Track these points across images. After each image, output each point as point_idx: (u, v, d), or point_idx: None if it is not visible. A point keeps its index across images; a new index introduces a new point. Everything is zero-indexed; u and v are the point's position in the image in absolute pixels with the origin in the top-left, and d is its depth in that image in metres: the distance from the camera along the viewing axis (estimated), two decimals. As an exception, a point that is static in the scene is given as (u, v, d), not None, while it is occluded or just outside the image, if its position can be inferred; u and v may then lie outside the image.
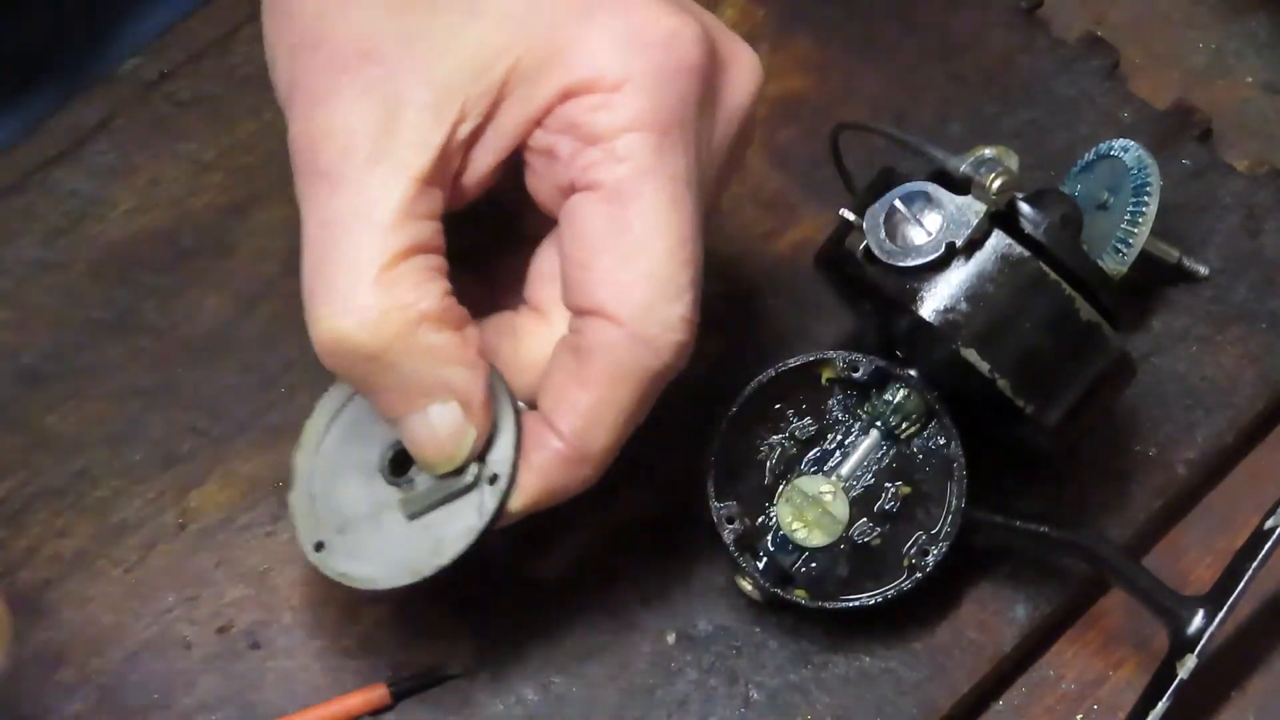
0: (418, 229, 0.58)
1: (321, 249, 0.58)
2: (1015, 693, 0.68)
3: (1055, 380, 0.63)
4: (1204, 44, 0.80)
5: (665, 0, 0.60)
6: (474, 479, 0.60)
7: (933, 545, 0.65)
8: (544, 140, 0.60)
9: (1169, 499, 0.70)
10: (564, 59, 0.59)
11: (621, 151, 0.58)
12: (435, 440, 0.60)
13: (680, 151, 0.59)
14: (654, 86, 0.59)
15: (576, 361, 0.59)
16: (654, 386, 0.60)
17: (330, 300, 0.58)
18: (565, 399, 0.59)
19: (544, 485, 0.60)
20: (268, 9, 0.62)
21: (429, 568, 0.60)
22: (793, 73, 0.78)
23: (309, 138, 0.59)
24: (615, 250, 0.58)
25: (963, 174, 0.62)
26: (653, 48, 0.59)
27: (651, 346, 0.59)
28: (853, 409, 0.66)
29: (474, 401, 0.59)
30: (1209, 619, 0.62)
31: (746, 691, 0.66)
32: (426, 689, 0.65)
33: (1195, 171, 0.75)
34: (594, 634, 0.67)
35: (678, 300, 0.59)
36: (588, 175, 0.59)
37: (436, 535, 0.61)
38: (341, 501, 0.62)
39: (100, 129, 0.76)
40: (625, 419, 0.60)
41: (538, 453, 0.60)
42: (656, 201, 0.58)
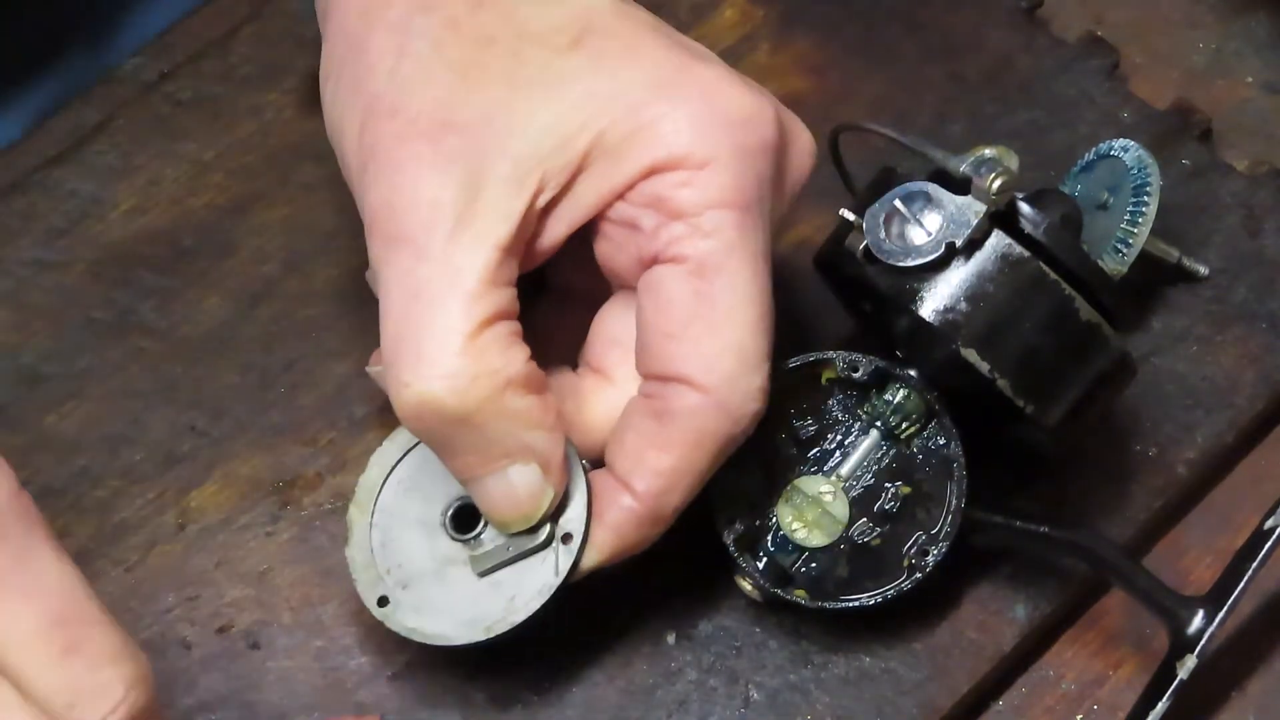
0: (500, 296, 0.60)
1: (407, 315, 0.59)
2: (1015, 693, 0.68)
3: (1055, 380, 0.63)
4: (1204, 44, 0.80)
5: (740, 82, 0.62)
6: (547, 538, 0.62)
7: (933, 545, 0.65)
8: (626, 212, 0.61)
9: (1169, 499, 0.70)
10: (648, 136, 0.60)
11: (707, 227, 0.60)
12: (514, 500, 0.61)
13: (759, 228, 0.61)
14: (737, 166, 0.61)
15: (657, 425, 0.61)
16: (728, 451, 0.62)
17: (419, 365, 0.59)
18: (644, 461, 0.61)
19: (617, 543, 0.62)
20: (333, 75, 0.63)
21: (504, 624, 0.62)
22: (793, 73, 0.78)
23: (390, 206, 0.60)
24: (702, 322, 0.60)
25: (963, 174, 0.62)
26: (735, 128, 0.61)
27: (733, 415, 0.61)
28: (853, 409, 0.66)
29: (553, 463, 0.61)
30: (1209, 619, 0.62)
31: (746, 691, 0.66)
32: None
33: (1195, 171, 0.75)
34: (594, 634, 0.67)
35: (757, 371, 0.61)
36: (672, 249, 0.60)
37: (509, 592, 0.62)
38: (403, 556, 0.63)
39: (100, 129, 0.76)
40: (699, 481, 0.62)
41: (612, 511, 0.62)
42: (741, 276, 0.60)
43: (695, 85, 0.61)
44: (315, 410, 0.71)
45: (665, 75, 0.61)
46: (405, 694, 0.66)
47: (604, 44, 0.61)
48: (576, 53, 0.61)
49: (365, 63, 0.62)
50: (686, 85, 0.61)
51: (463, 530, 0.63)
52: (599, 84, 0.61)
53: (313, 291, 0.73)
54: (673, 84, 0.61)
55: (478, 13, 0.61)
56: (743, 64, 0.78)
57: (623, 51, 0.61)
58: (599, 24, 0.62)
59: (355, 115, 0.61)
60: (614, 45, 0.61)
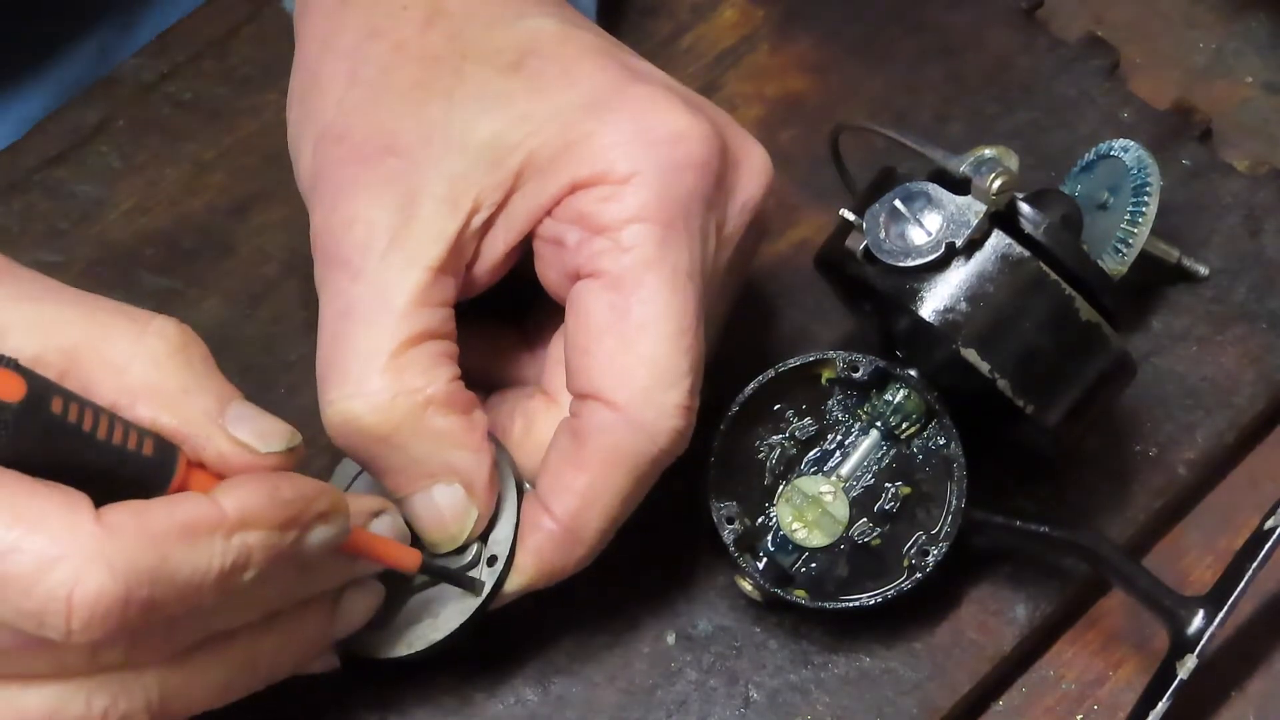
0: (429, 316, 0.60)
1: (335, 334, 0.60)
2: (1015, 693, 0.68)
3: (1055, 380, 0.63)
4: (1204, 44, 0.80)
5: (678, 101, 0.62)
6: (474, 559, 0.62)
7: (933, 545, 0.65)
8: (553, 229, 0.62)
9: (1169, 499, 0.70)
10: (575, 153, 0.61)
11: (626, 241, 0.60)
12: (439, 520, 0.61)
13: (684, 244, 0.61)
14: (660, 181, 0.60)
15: (574, 445, 0.61)
16: (650, 471, 0.61)
17: (342, 384, 0.60)
18: (560, 481, 0.61)
19: (539, 566, 0.62)
20: (293, 102, 0.65)
21: (423, 642, 0.62)
22: (793, 73, 0.78)
23: (329, 228, 0.61)
24: (615, 336, 0.60)
25: (963, 174, 0.62)
26: (661, 145, 0.61)
27: (647, 432, 0.60)
28: (853, 409, 0.66)
29: (478, 484, 0.61)
30: (1209, 619, 0.62)
31: (746, 691, 0.66)
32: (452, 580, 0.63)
33: (1195, 171, 0.75)
34: (594, 634, 0.67)
35: (674, 387, 0.60)
36: (593, 263, 0.61)
37: (435, 610, 0.62)
38: None
39: (100, 129, 0.76)
40: (619, 503, 0.61)
41: (533, 534, 0.62)
42: (657, 290, 0.60)
43: (626, 104, 0.61)
44: (315, 410, 0.70)
45: (599, 96, 0.62)
46: (405, 694, 0.66)
47: (543, 66, 0.62)
48: (516, 74, 0.62)
49: (318, 90, 0.63)
50: (618, 104, 0.61)
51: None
52: (535, 105, 0.62)
53: (313, 291, 0.73)
54: (605, 103, 0.61)
55: (427, 33, 0.63)
56: (743, 64, 0.78)
57: (560, 74, 0.62)
58: (541, 47, 0.63)
59: (309, 142, 0.63)
60: (553, 68, 0.62)
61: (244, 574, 0.53)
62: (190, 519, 0.52)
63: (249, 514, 0.53)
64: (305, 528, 0.55)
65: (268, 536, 0.54)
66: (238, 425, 0.56)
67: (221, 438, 0.55)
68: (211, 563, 0.53)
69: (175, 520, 0.52)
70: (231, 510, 0.53)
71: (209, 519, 0.53)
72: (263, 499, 0.54)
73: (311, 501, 0.55)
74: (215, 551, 0.53)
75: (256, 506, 0.54)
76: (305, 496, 0.55)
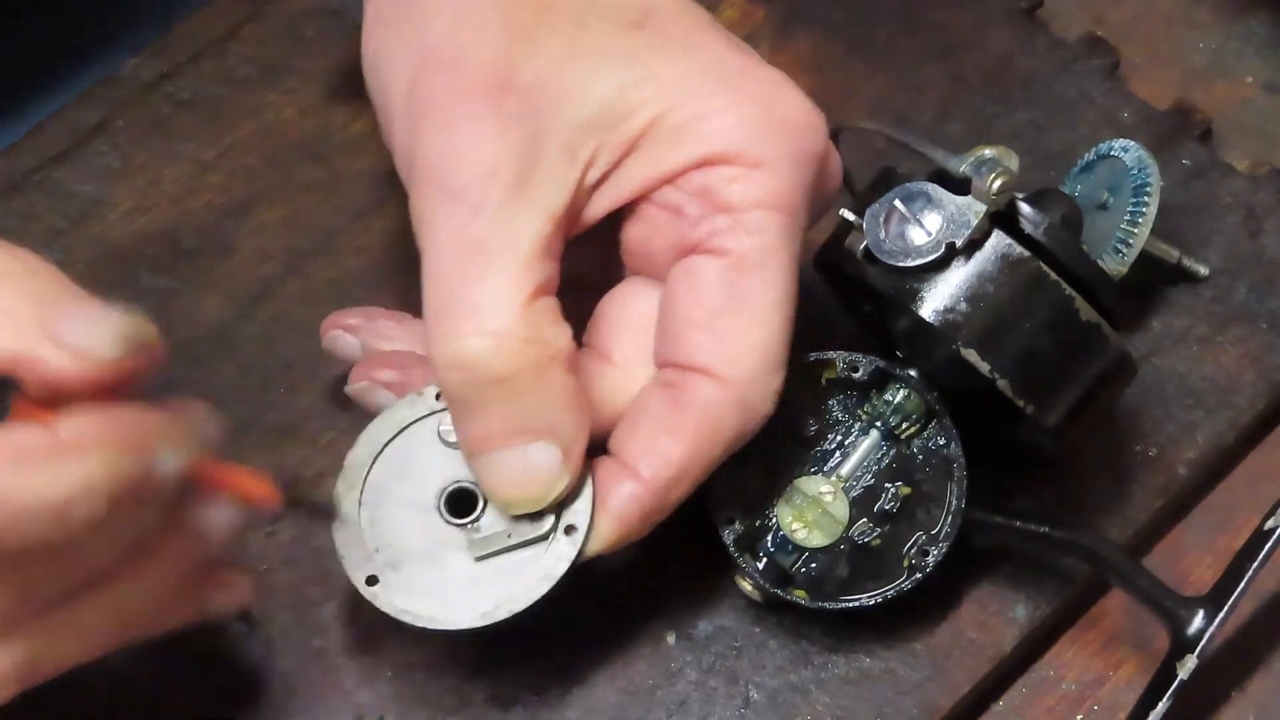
0: (550, 269, 0.59)
1: (463, 268, 0.58)
2: (1015, 693, 0.68)
3: (1055, 380, 0.63)
4: (1204, 44, 0.80)
5: (800, 90, 0.62)
6: (550, 529, 0.61)
7: (933, 545, 0.65)
8: (672, 197, 0.61)
9: (1169, 499, 0.70)
10: (706, 127, 0.60)
11: (751, 225, 0.60)
12: (526, 479, 0.60)
13: (798, 235, 0.61)
14: (789, 171, 0.61)
15: (674, 414, 0.60)
16: (734, 448, 0.61)
17: (471, 318, 0.58)
18: (655, 448, 0.60)
19: (619, 531, 0.61)
20: (382, 23, 0.62)
21: (504, 610, 0.60)
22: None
23: (447, 158, 0.59)
24: (734, 317, 0.60)
25: (963, 174, 0.62)
26: (791, 133, 0.61)
27: (749, 412, 0.60)
28: (853, 409, 0.66)
29: (575, 451, 0.60)
30: (1209, 619, 0.62)
31: (746, 691, 0.66)
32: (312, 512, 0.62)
33: (1195, 171, 0.75)
34: (594, 634, 0.67)
35: (777, 374, 0.61)
36: (714, 240, 0.60)
37: (508, 579, 0.61)
38: (393, 536, 0.61)
39: (100, 129, 0.76)
40: (705, 474, 0.61)
41: (616, 498, 0.61)
42: (777, 278, 0.60)
43: (756, 85, 0.61)
44: (315, 410, 0.71)
45: (726, 71, 0.61)
46: (405, 694, 0.66)
47: (668, 29, 0.61)
48: (640, 32, 0.61)
49: (421, 15, 0.61)
50: (747, 85, 0.61)
51: (459, 514, 0.61)
52: (661, 66, 0.60)
53: (313, 291, 0.73)
54: (733, 81, 0.61)
55: None
56: (743, 64, 0.78)
57: (683, 40, 0.61)
58: (663, 10, 0.61)
59: (406, 66, 0.60)
60: (677, 32, 0.61)
61: (90, 506, 0.51)
62: (20, 447, 0.50)
63: (86, 438, 0.51)
64: (149, 453, 0.53)
65: (108, 461, 0.51)
66: (70, 331, 0.51)
67: (49, 349, 0.51)
68: (48, 490, 0.50)
69: (2, 450, 0.50)
70: (67, 434, 0.51)
71: (41, 445, 0.50)
72: (99, 423, 0.51)
73: (154, 425, 0.53)
74: (51, 479, 0.50)
75: (94, 430, 0.51)
76: (147, 420, 0.53)
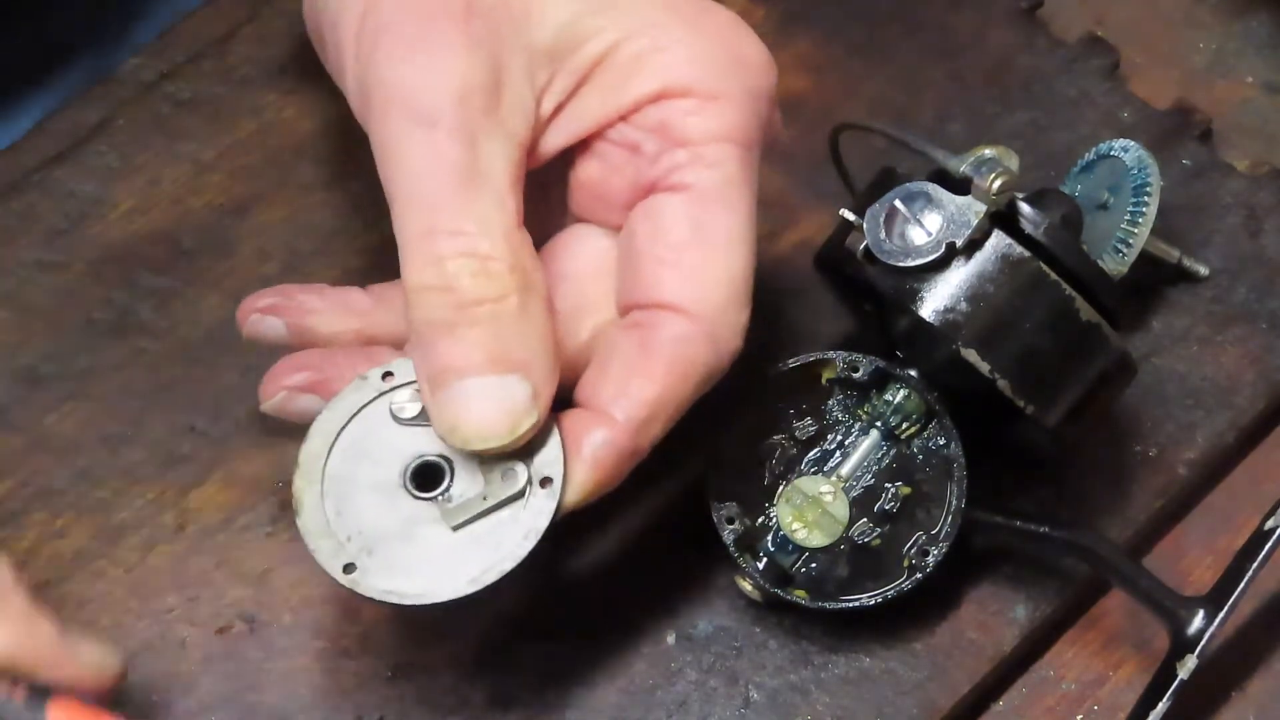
0: (519, 201, 0.58)
1: (442, 192, 0.57)
2: (1015, 693, 0.68)
3: (1055, 380, 0.63)
4: (1204, 44, 0.80)
5: (753, 32, 0.62)
6: (525, 485, 0.59)
7: (933, 545, 0.65)
8: (629, 134, 0.61)
9: (1169, 499, 0.70)
10: (663, 59, 0.60)
11: (710, 158, 0.60)
12: (495, 413, 0.58)
13: (755, 170, 0.61)
14: (745, 105, 0.60)
15: (641, 354, 0.59)
16: (705, 387, 0.60)
17: (457, 240, 0.57)
18: (627, 391, 0.59)
19: (596, 477, 0.59)
20: None
21: (491, 574, 0.59)
22: (793, 73, 0.78)
23: (411, 80, 0.57)
24: (698, 251, 0.59)
25: (963, 174, 0.62)
26: (747, 70, 0.61)
27: (718, 346, 0.60)
28: (853, 409, 0.66)
29: (544, 393, 0.58)
30: (1209, 619, 0.62)
31: (746, 691, 0.66)
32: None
33: (1195, 171, 0.75)
34: (594, 634, 0.67)
35: (744, 307, 0.60)
36: (673, 176, 0.60)
37: (490, 543, 0.60)
38: (362, 522, 0.60)
39: (100, 129, 0.76)
40: (678, 414, 0.60)
41: (590, 445, 0.59)
42: (740, 211, 0.60)
43: (711, 22, 0.61)
44: (315, 410, 0.71)
45: (682, 7, 0.61)
46: (405, 694, 0.66)
47: None
48: None
49: None
50: (703, 21, 0.61)
51: (428, 488, 0.60)
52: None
53: (312, 290, 0.73)
54: (689, 16, 0.61)
55: None
56: (743, 64, 0.78)
57: None
58: None
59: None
60: None
61: None
62: None
63: None
64: None
65: None
66: (80, 650, 0.58)
67: (72, 666, 0.57)
68: None
69: None
70: None
71: None
72: None
73: None
74: None
75: None
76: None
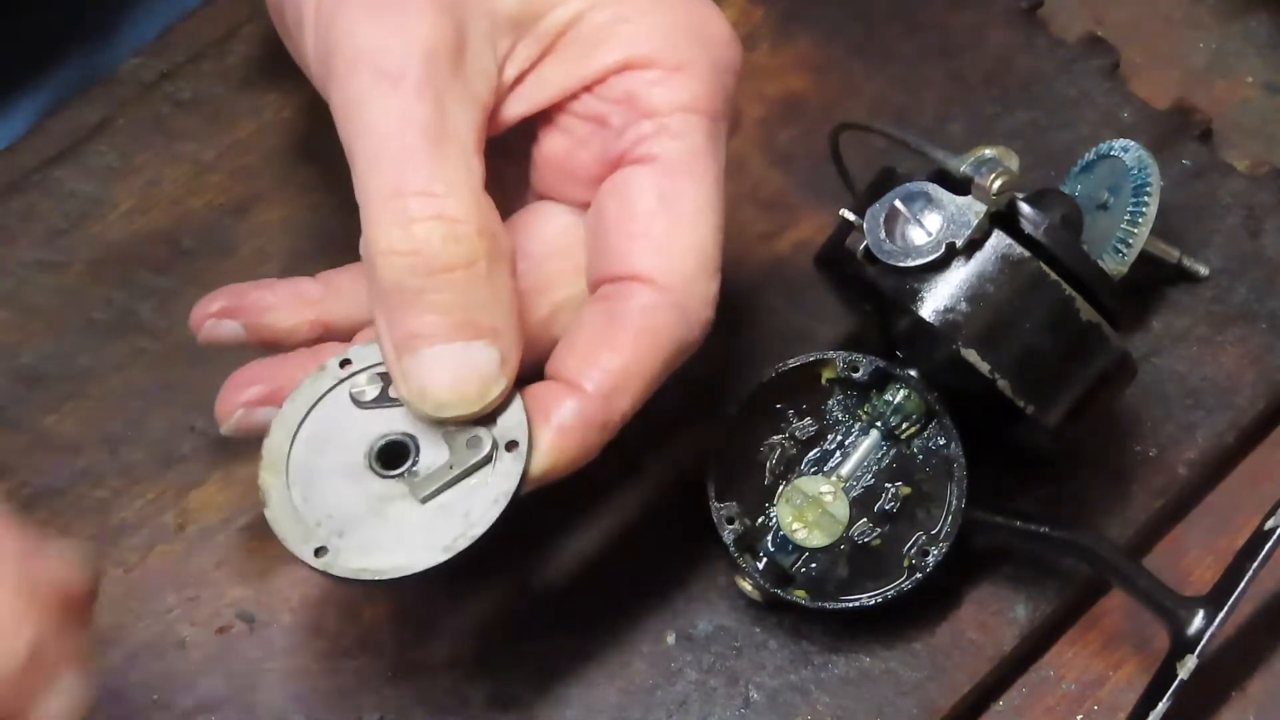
0: (483, 164, 0.58)
1: (409, 152, 0.56)
2: (1015, 693, 0.68)
3: (1055, 380, 0.63)
4: (1204, 44, 0.80)
5: (718, 9, 0.62)
6: (490, 450, 0.59)
7: (933, 545, 0.65)
8: (595, 107, 0.61)
9: (1169, 499, 0.70)
10: (628, 31, 0.60)
11: (676, 129, 0.60)
12: (465, 377, 0.57)
13: (722, 142, 0.61)
14: (710, 77, 0.60)
15: (609, 326, 0.59)
16: (677, 359, 0.60)
17: (426, 203, 0.56)
18: (595, 361, 0.59)
19: (563, 448, 0.59)
20: None
21: (463, 541, 0.59)
22: (793, 73, 0.78)
23: (377, 38, 0.57)
24: (666, 221, 0.59)
25: (963, 174, 0.62)
26: (711, 43, 0.61)
27: (688, 318, 0.59)
28: (853, 409, 0.66)
29: (511, 360, 0.58)
30: (1209, 619, 0.62)
31: (746, 692, 0.66)
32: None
33: (1195, 171, 0.75)
34: (594, 634, 0.67)
35: (714, 278, 0.60)
36: (640, 148, 0.60)
37: (461, 510, 0.59)
38: (331, 507, 0.60)
39: (100, 129, 0.76)
40: (649, 387, 0.60)
41: (559, 415, 0.59)
42: (707, 181, 0.60)
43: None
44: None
45: None
46: (405, 694, 0.66)
47: None
48: None
49: None
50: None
51: (394, 465, 0.60)
52: None
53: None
54: None
55: None
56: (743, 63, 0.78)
57: None
58: None
59: None
60: None
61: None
62: None
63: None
64: None
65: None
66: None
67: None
68: None
69: None
70: None
71: None
72: None
73: None
74: None
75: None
76: None
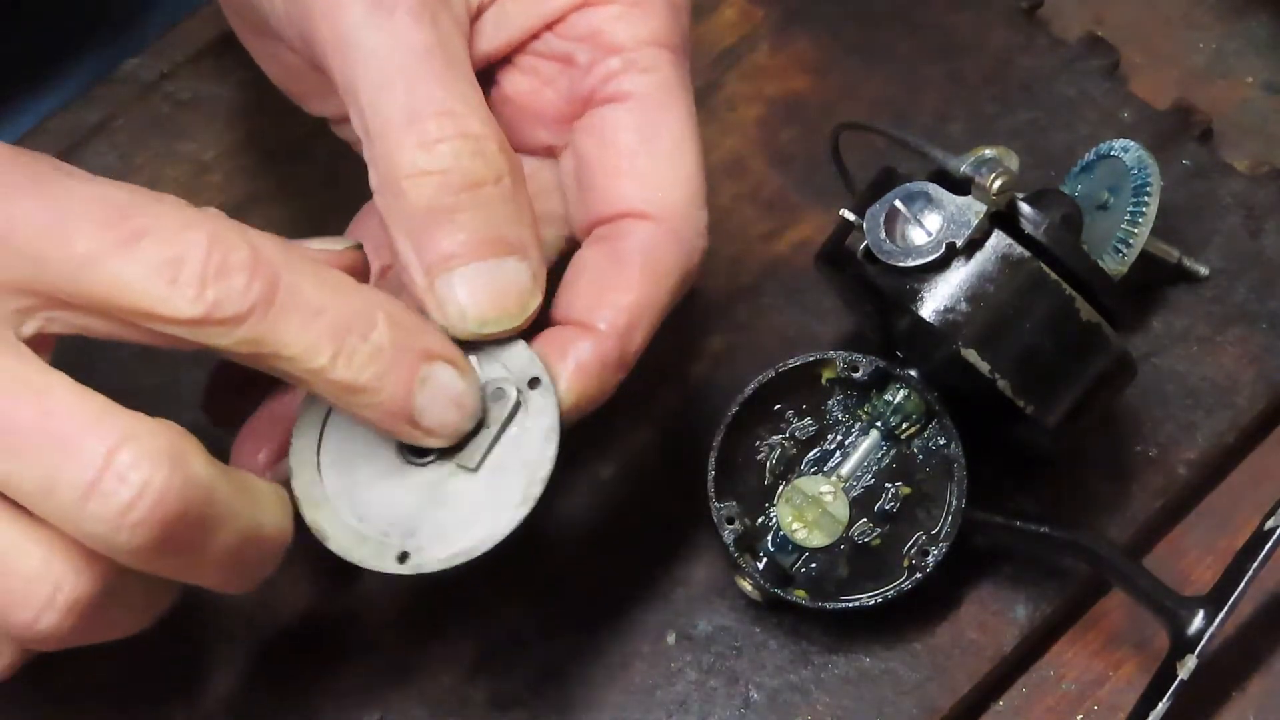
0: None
1: (419, 74, 0.56)
2: (1015, 693, 0.68)
3: (1055, 380, 0.63)
4: (1204, 44, 0.80)
5: None
6: (516, 392, 0.58)
7: (933, 545, 0.65)
8: (559, 46, 0.61)
9: (1169, 499, 0.70)
10: None
11: (644, 63, 0.60)
12: (504, 291, 0.57)
13: (688, 77, 0.61)
14: (666, 12, 0.61)
15: (612, 265, 0.59)
16: (681, 290, 0.60)
17: (447, 121, 0.56)
18: (605, 301, 0.59)
19: (583, 386, 0.59)
20: None
21: (537, 484, 0.58)
22: (793, 73, 0.78)
23: None
24: (649, 155, 0.60)
25: (963, 174, 0.62)
26: None
27: (685, 246, 0.60)
28: (853, 409, 0.66)
29: (540, 274, 0.58)
30: (1209, 619, 0.62)
31: (746, 691, 0.66)
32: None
33: (1195, 171, 0.75)
34: (594, 634, 0.67)
35: (703, 207, 0.60)
36: (610, 85, 0.60)
37: (517, 462, 0.58)
38: (390, 515, 0.59)
39: (100, 129, 0.76)
40: (658, 320, 0.60)
41: (575, 355, 0.59)
42: (683, 113, 0.60)
43: None
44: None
45: None
46: (405, 694, 0.66)
47: None
48: None
49: None
50: None
51: (425, 453, 0.59)
52: None
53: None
54: None
55: None
56: (743, 64, 0.78)
57: None
58: None
59: None
60: None
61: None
62: None
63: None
64: None
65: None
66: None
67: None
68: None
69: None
70: None
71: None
72: None
73: None
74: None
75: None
76: None
